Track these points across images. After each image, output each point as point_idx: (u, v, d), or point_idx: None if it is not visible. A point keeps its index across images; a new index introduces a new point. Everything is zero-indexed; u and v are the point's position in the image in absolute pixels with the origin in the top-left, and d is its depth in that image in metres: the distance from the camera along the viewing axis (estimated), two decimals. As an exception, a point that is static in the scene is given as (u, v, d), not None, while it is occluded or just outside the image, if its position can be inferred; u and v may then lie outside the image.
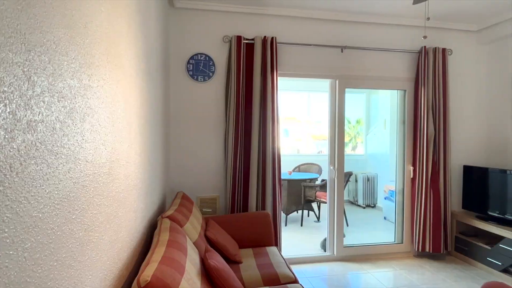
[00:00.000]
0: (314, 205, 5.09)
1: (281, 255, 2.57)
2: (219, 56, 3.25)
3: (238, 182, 3.18)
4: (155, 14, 2.33)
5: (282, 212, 4.88)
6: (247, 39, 3.21)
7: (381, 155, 5.87)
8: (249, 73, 3.21)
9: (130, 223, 1.60)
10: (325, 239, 3.64)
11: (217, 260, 1.83)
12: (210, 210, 3.25)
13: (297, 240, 4.25)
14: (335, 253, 3.53)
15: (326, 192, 3.71)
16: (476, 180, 3.53)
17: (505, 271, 3.09)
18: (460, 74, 3.77)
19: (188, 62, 3.19)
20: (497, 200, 3.32)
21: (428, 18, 2.22)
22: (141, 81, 1.88)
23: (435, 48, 3.53)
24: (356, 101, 6.57)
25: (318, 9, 3.32)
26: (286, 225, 4.82)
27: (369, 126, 6.40)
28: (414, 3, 2.52)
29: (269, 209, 3.17)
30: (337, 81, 3.51)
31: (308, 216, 5.25)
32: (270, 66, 3.19)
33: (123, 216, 1.48)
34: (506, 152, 3.58)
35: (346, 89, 3.54)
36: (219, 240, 2.38)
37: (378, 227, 4.89)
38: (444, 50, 3.57)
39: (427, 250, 3.50)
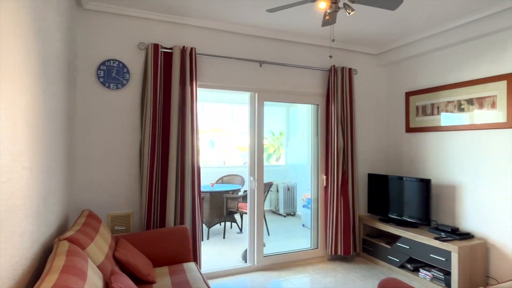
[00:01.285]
0: (237, 216, 5.10)
1: (199, 271, 2.49)
2: (134, 64, 3.09)
3: (155, 196, 3.01)
4: (55, 13, 2.10)
5: (204, 225, 4.78)
6: (165, 48, 3.11)
7: (300, 166, 6.20)
8: (167, 83, 3.11)
9: (14, 249, 1.38)
10: (246, 250, 3.66)
11: (123, 283, 1.68)
12: (124, 228, 3.01)
13: (219, 253, 4.19)
14: (255, 263, 3.57)
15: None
16: (379, 186, 3.94)
17: (402, 266, 3.48)
18: (364, 92, 4.21)
19: (99, 68, 2.96)
20: (396, 203, 3.74)
21: (333, 40, 2.43)
22: (34, 86, 1.66)
23: (343, 67, 3.89)
24: (277, 113, 6.87)
25: (237, 23, 3.40)
26: (208, 238, 4.72)
27: (289, 138, 6.72)
28: (323, 25, 2.75)
29: (188, 223, 3.06)
30: (256, 94, 3.62)
31: (231, 228, 5.24)
32: (189, 76, 3.14)
33: (3, 242, 1.26)
34: (401, 161, 4.08)
35: (266, 102, 3.67)
36: (130, 260, 2.20)
37: (297, 234, 5.11)
38: (350, 69, 3.95)
39: (339, 253, 3.76)
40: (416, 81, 3.91)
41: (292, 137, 6.59)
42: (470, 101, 3.30)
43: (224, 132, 7.33)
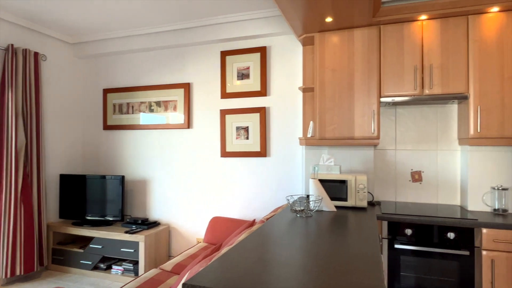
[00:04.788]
0: None
1: None
2: None
3: None
4: None
5: None
6: None
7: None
8: None
9: None
10: None
11: None
12: None
13: None
14: None
15: None
16: (74, 188, 3.62)
17: (95, 268, 3.37)
18: (57, 83, 3.74)
19: None
20: (97, 204, 3.57)
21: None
22: None
23: (26, 49, 3.25)
24: None
25: None
26: None
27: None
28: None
29: None
30: None
31: None
32: None
33: None
34: (99, 159, 3.97)
35: None
36: None
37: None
38: (37, 54, 3.37)
39: (18, 273, 3.11)
40: (114, 78, 3.92)
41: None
42: (158, 103, 3.69)
43: None
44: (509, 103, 2.30)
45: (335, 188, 2.56)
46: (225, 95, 3.42)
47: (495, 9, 2.30)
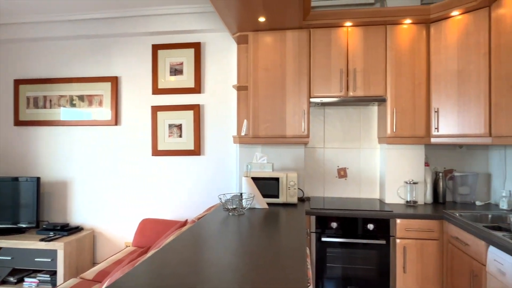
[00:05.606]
0: None
1: None
2: None
3: None
4: None
5: None
6: None
7: None
8: None
9: None
10: None
11: None
12: None
13: None
14: None
15: None
16: (-24, 192, 3.15)
17: (4, 282, 2.97)
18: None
19: None
20: (7, 209, 3.14)
21: None
22: None
23: None
24: None
25: None
26: None
27: None
28: None
29: None
30: None
31: None
32: None
33: None
34: (9, 159, 3.50)
35: None
36: None
37: None
38: None
39: None
40: (28, 68, 3.49)
41: None
42: (81, 98, 3.38)
43: None
44: (419, 106, 2.58)
45: (267, 185, 2.60)
46: (157, 91, 3.26)
47: (408, 21, 2.56)
